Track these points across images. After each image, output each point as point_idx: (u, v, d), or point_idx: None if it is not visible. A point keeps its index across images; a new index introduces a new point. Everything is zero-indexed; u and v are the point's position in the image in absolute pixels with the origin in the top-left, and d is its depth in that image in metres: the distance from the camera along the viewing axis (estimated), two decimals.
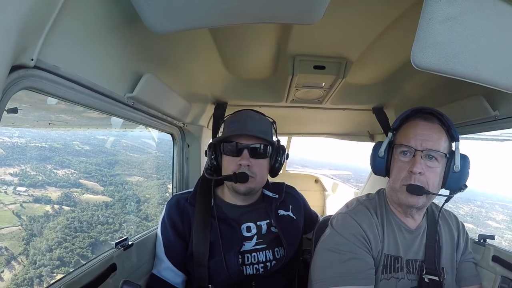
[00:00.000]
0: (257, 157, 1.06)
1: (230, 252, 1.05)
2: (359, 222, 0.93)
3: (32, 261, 9.81)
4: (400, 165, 0.91)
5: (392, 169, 0.95)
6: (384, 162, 0.96)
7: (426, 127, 0.90)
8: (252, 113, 1.14)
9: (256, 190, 1.12)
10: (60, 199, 12.99)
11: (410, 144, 0.89)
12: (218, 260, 1.04)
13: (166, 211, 1.15)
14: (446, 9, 0.55)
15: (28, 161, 15.47)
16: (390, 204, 1.00)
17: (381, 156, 0.96)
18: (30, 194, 12.67)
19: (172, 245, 1.11)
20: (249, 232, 1.13)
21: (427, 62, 0.60)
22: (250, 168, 1.04)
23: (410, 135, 0.90)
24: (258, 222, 1.15)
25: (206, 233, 1.07)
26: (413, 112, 0.95)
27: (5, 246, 10.21)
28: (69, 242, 10.16)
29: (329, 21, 0.90)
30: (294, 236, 1.19)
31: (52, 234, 10.78)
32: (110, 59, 0.84)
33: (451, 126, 0.92)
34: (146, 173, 16.91)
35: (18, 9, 0.47)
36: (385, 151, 0.96)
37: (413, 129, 0.91)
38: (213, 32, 1.03)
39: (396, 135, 0.97)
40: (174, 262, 1.11)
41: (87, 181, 14.33)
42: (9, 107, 0.58)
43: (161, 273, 1.11)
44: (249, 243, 1.11)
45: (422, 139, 0.88)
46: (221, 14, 0.66)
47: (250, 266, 1.08)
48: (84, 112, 1.62)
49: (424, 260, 0.95)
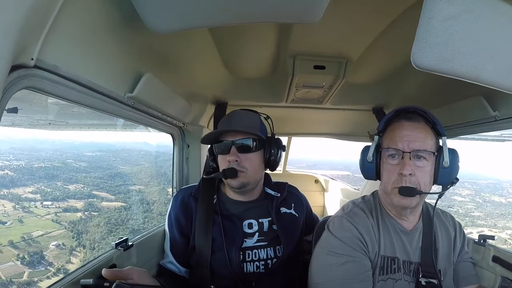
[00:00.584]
0: (245, 151, 1.08)
1: (232, 248, 1.06)
2: (355, 224, 0.93)
3: (90, 249, 13.14)
4: (389, 168, 0.91)
5: (382, 173, 0.95)
6: (373, 166, 0.96)
7: (411, 128, 0.90)
8: (238, 111, 1.17)
9: (252, 184, 1.12)
10: (85, 207, 15.67)
11: (397, 147, 0.88)
12: (220, 256, 1.06)
13: (171, 207, 1.19)
14: (446, 8, 0.55)
15: (39, 181, 17.66)
16: (384, 206, 1.00)
17: (370, 161, 0.96)
18: (57, 206, 15.39)
19: (176, 242, 1.15)
20: (251, 229, 1.14)
21: (427, 62, 0.60)
22: (239, 163, 1.06)
23: (396, 137, 0.90)
24: (260, 219, 1.16)
25: (208, 229, 1.09)
26: (396, 113, 0.95)
27: (62, 243, 13.27)
28: (107, 235, 13.49)
29: (329, 20, 0.90)
30: (293, 233, 1.19)
31: (94, 230, 13.93)
32: (110, 59, 0.84)
33: (436, 122, 0.92)
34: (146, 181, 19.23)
35: (18, 9, 0.47)
36: (373, 156, 0.96)
37: (398, 131, 0.91)
38: (213, 32, 1.03)
39: (382, 138, 0.97)
40: (177, 259, 1.15)
41: (98, 192, 16.78)
42: (9, 107, 0.58)
43: (167, 265, 1.17)
44: (251, 239, 1.12)
45: (408, 140, 0.88)
46: (221, 14, 0.66)
47: (250, 263, 1.09)
48: (84, 112, 1.62)
49: (420, 262, 0.95)
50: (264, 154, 1.13)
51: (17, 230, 13.19)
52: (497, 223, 20.92)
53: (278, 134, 1.24)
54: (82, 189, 17.14)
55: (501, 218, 21.64)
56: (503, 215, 21.89)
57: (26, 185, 17.04)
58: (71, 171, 19.04)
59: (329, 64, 1.24)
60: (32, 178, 17.91)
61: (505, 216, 21.76)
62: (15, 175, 17.90)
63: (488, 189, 26.05)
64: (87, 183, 17.59)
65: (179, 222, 1.14)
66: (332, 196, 3.16)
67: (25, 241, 12.57)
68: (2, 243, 12.17)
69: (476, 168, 18.66)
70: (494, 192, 25.73)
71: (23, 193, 16.27)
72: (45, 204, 15.16)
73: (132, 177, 19.05)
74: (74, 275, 0.83)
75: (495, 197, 24.93)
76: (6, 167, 18.10)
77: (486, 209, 22.78)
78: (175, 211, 1.16)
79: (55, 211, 14.99)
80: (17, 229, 13.31)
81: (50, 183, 17.60)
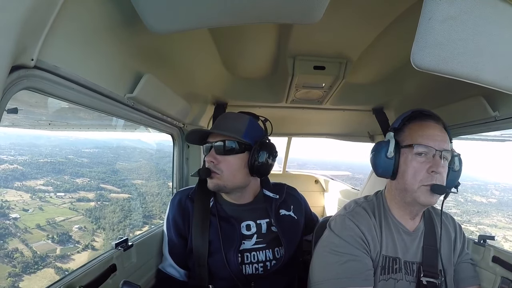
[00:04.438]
0: (223, 153, 1.06)
1: (230, 250, 1.06)
2: (358, 224, 0.93)
3: (110, 229, 14.87)
4: (416, 165, 0.90)
5: (404, 170, 0.92)
6: (393, 163, 0.93)
7: (438, 128, 0.91)
8: (229, 114, 1.17)
9: (228, 188, 1.09)
10: (96, 197, 17.29)
11: (430, 145, 0.88)
12: (218, 258, 1.05)
13: (169, 209, 1.19)
14: (446, 8, 0.55)
15: (47, 174, 18.99)
16: (390, 206, 0.99)
17: (390, 157, 0.93)
18: (70, 197, 17.04)
19: (174, 244, 1.15)
20: (249, 231, 1.13)
21: (427, 62, 0.60)
22: (216, 164, 1.06)
23: (428, 135, 0.90)
24: (258, 221, 1.15)
25: (204, 230, 1.08)
26: (415, 113, 0.95)
27: (84, 226, 14.90)
28: (123, 220, 15.42)
29: (329, 21, 0.90)
30: (294, 235, 1.19)
31: (111, 215, 15.71)
32: (110, 59, 0.83)
33: (447, 127, 0.95)
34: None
35: (18, 9, 0.47)
36: (394, 152, 0.93)
37: (428, 130, 0.91)
38: (213, 32, 1.03)
39: (401, 136, 0.95)
40: (176, 261, 1.15)
41: (104, 185, 18.39)
42: (9, 107, 0.58)
43: (166, 269, 1.17)
44: (249, 241, 1.11)
45: (438, 140, 0.89)
46: (221, 14, 0.66)
47: (249, 266, 1.09)
48: (84, 112, 1.62)
49: (421, 262, 0.95)
50: (250, 159, 1.07)
51: (40, 216, 14.87)
52: (471, 219, 23.05)
53: (278, 135, 1.24)
54: (90, 182, 18.52)
55: (476, 215, 23.84)
56: (479, 213, 23.93)
57: (37, 178, 18.21)
58: (76, 166, 20.29)
59: (329, 65, 1.24)
60: (41, 172, 19.03)
61: (481, 213, 23.82)
62: (24, 169, 18.87)
63: (472, 190, 27.44)
64: (92, 177, 18.93)
65: (177, 224, 1.14)
66: (332, 196, 3.16)
67: (50, 224, 14.29)
68: (31, 226, 13.89)
69: (466, 170, 18.92)
70: (478, 192, 27.53)
71: (36, 185, 17.46)
72: (58, 195, 16.58)
73: (132, 172, 20.45)
74: (74, 275, 0.83)
75: (477, 197, 26.80)
76: (13, 162, 19.15)
77: (465, 207, 24.75)
78: (172, 213, 1.16)
79: (70, 201, 16.56)
80: (40, 215, 14.83)
81: (58, 177, 18.99)
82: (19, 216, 14.49)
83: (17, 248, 12.74)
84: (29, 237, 13.36)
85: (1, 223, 14.05)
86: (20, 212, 14.85)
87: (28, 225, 14.07)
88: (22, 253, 12.50)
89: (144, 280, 1.16)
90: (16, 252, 12.46)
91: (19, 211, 14.94)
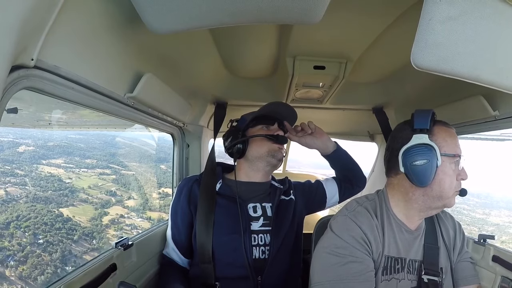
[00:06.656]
0: None
1: (236, 231, 1.09)
2: (359, 224, 0.92)
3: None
4: (452, 174, 0.88)
5: (442, 179, 0.87)
6: (435, 171, 0.84)
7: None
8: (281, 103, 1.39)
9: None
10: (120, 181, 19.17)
11: (461, 154, 0.89)
12: (224, 240, 1.09)
13: (175, 196, 1.23)
14: (446, 9, 0.55)
15: (63, 155, 20.19)
16: (392, 205, 0.99)
17: (439, 166, 0.84)
18: (97, 173, 18.87)
19: (178, 231, 1.19)
20: (256, 213, 1.17)
21: (427, 62, 0.60)
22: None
23: (458, 144, 0.90)
24: (263, 203, 1.20)
25: (211, 209, 1.12)
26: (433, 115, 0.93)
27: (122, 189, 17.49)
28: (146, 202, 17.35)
29: (329, 21, 0.90)
30: (285, 218, 1.22)
31: (138, 197, 17.42)
32: (110, 59, 0.83)
33: None
34: None
35: (18, 9, 0.47)
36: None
37: (456, 138, 0.91)
38: (213, 32, 1.02)
39: (433, 140, 0.87)
40: (178, 247, 1.19)
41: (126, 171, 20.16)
42: (9, 107, 0.58)
43: (169, 254, 1.21)
44: (256, 223, 1.15)
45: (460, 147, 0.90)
46: (221, 14, 0.66)
47: (256, 248, 1.11)
48: (84, 113, 1.63)
49: (422, 260, 0.95)
50: None
51: (83, 182, 17.09)
52: None
53: None
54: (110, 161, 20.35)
55: (452, 212, 25.19)
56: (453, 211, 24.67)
57: (58, 158, 19.67)
58: (88, 149, 21.45)
59: (329, 64, 1.24)
60: (57, 153, 20.32)
61: (452, 211, 25.01)
62: (41, 150, 19.89)
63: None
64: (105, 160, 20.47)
65: (183, 211, 1.17)
66: None
67: (92, 189, 16.62)
68: (84, 187, 16.56)
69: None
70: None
71: (62, 162, 19.14)
72: (83, 170, 18.61)
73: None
74: (74, 274, 0.83)
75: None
76: (28, 144, 19.97)
77: None
78: (178, 199, 1.20)
79: (99, 174, 18.71)
80: (81, 182, 17.12)
81: (74, 158, 20.25)
82: (69, 181, 17.35)
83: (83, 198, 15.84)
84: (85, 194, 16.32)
85: (63, 185, 16.70)
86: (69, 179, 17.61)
87: (83, 185, 16.84)
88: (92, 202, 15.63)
89: (144, 280, 1.16)
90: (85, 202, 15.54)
91: (67, 179, 17.49)
